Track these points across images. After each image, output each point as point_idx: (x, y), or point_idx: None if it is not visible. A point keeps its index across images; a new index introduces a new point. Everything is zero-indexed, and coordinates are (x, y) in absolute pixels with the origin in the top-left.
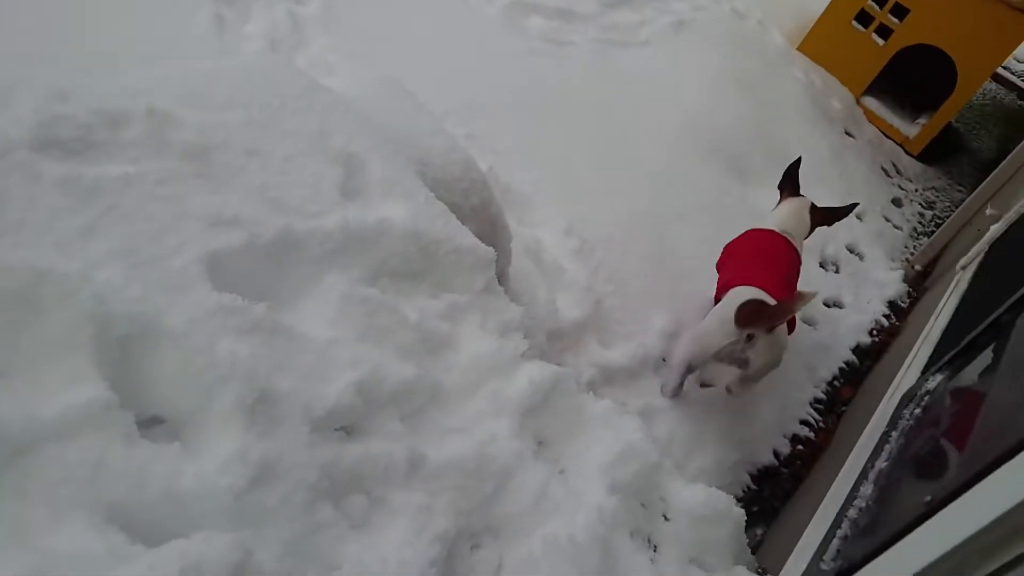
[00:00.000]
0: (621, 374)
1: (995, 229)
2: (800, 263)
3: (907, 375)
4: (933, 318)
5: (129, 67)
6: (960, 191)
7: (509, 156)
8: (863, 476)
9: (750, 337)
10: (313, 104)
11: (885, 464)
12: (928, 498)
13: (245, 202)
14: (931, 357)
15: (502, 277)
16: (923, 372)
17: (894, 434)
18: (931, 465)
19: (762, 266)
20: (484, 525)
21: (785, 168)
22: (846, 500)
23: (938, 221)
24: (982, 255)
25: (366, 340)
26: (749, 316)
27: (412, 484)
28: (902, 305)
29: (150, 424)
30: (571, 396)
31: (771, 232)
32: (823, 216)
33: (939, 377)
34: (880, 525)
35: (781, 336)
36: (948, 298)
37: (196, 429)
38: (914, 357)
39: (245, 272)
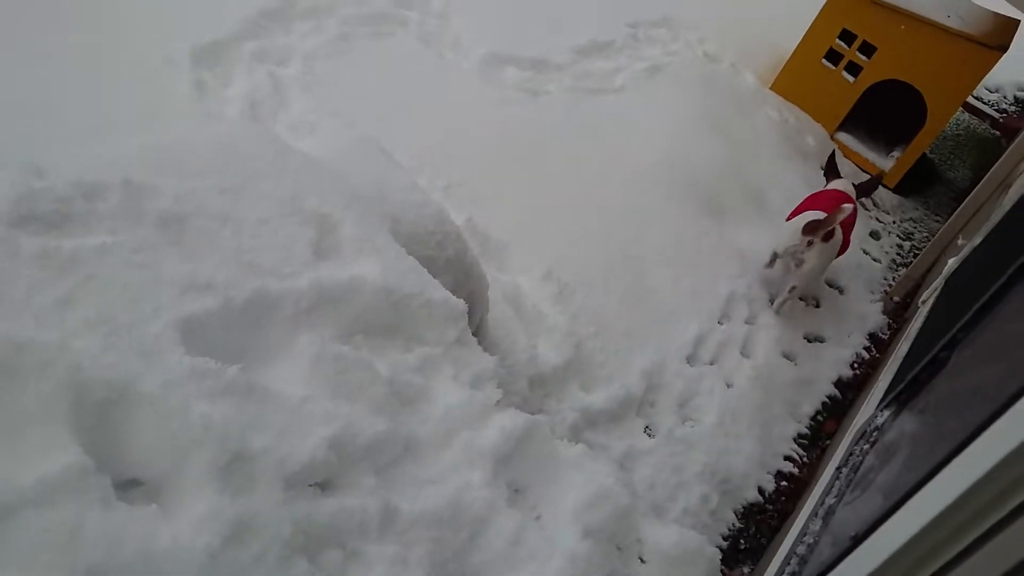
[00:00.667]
0: (603, 417)
1: (951, 263)
2: (854, 218)
3: (866, 410)
4: (895, 353)
5: (111, 136)
6: (937, 221)
7: (488, 205)
8: (814, 513)
9: (810, 243)
10: (286, 168)
11: (833, 501)
12: (854, 533)
13: (219, 267)
14: (886, 393)
15: (480, 326)
16: (877, 407)
17: (844, 471)
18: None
19: (823, 204)
20: (460, 574)
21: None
22: (797, 537)
23: (916, 252)
24: (939, 289)
25: (339, 396)
26: (809, 227)
27: (387, 536)
28: (883, 337)
29: (128, 487)
30: (544, 443)
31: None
32: (861, 190)
33: (887, 413)
34: (817, 562)
35: (828, 251)
36: (909, 333)
37: (172, 490)
38: (873, 392)
39: (219, 335)
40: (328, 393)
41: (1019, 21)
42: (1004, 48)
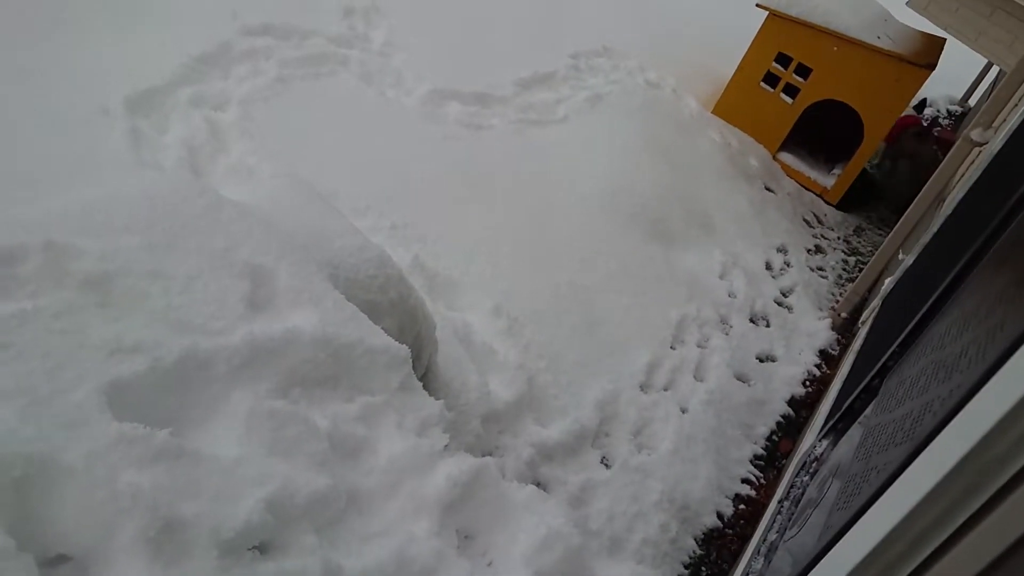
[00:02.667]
0: (560, 450)
1: (888, 282)
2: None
3: (810, 436)
4: (837, 377)
5: (40, 191)
6: (881, 235)
7: (434, 243)
8: (756, 550)
9: None
10: (217, 220)
11: (775, 536)
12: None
13: (147, 326)
14: (826, 420)
15: (430, 367)
16: (817, 436)
17: (786, 504)
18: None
19: None
20: None
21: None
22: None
23: (861, 266)
24: (877, 310)
25: (276, 454)
26: None
27: None
28: (832, 353)
29: (55, 563)
30: (493, 487)
31: None
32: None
33: (825, 443)
34: None
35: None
36: (851, 354)
37: (102, 564)
38: (817, 417)
39: (148, 398)
40: (264, 451)
41: (945, 40)
42: (932, 66)
